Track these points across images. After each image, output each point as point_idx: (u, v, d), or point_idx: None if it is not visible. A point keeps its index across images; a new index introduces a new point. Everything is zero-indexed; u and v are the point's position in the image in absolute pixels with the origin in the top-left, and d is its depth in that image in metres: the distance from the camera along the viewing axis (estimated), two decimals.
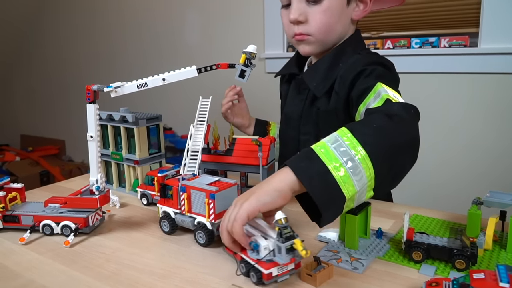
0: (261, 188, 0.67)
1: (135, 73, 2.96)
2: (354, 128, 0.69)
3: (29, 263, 0.74)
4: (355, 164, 0.65)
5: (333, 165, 0.64)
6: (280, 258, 0.63)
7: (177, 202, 0.82)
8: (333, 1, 0.98)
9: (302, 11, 0.99)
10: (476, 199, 0.77)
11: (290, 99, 1.15)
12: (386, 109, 0.76)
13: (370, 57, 1.00)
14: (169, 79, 0.86)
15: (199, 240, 0.79)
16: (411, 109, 0.78)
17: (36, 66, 3.75)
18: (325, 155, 0.65)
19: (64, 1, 3.37)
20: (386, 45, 1.97)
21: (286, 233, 0.62)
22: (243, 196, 0.68)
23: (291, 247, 0.62)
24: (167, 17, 2.76)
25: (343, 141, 0.67)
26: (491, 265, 0.69)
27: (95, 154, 0.86)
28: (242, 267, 0.67)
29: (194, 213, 0.80)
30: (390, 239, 0.79)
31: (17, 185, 0.92)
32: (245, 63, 0.85)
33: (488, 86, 1.78)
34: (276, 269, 0.63)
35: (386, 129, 0.70)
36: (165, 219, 0.84)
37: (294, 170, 0.65)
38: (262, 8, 2.31)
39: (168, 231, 0.84)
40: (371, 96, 0.86)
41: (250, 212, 0.64)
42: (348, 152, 0.65)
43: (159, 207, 0.86)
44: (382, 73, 0.91)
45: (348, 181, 0.64)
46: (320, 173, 0.64)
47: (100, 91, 0.85)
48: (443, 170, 1.93)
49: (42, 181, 3.29)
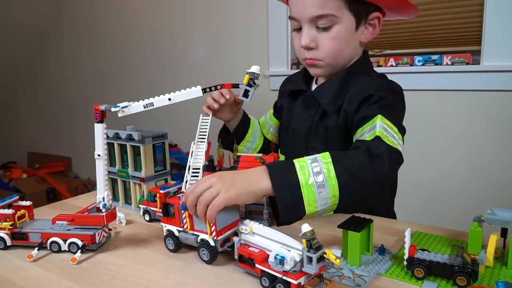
0: (242, 185, 0.75)
1: (140, 92, 3.00)
2: (336, 157, 0.78)
3: (37, 279, 0.75)
4: (325, 190, 0.75)
5: (305, 183, 0.74)
6: (311, 268, 0.64)
7: (180, 220, 0.83)
8: (342, 28, 0.99)
9: (312, 37, 1.01)
10: (477, 216, 0.77)
11: (296, 114, 1.16)
12: (372, 147, 0.82)
13: (381, 81, 1.04)
14: (175, 99, 0.88)
15: (203, 257, 0.80)
16: (393, 154, 0.84)
17: (42, 85, 3.81)
18: (301, 172, 0.75)
19: (68, 22, 3.43)
20: (389, 62, 1.99)
21: (315, 244, 0.64)
22: (224, 179, 0.75)
23: (321, 257, 0.64)
24: (171, 37, 2.80)
25: (322, 165, 0.76)
26: (492, 282, 0.70)
27: (102, 172, 0.88)
28: (265, 281, 0.69)
29: (196, 231, 0.81)
30: (392, 256, 0.80)
31: (25, 203, 0.93)
32: (249, 83, 0.88)
33: (490, 104, 1.79)
34: (303, 279, 0.65)
35: (363, 168, 0.79)
36: (170, 237, 0.85)
37: (272, 179, 0.74)
38: (266, 26, 2.35)
39: (173, 249, 0.84)
40: (368, 126, 0.89)
41: (227, 203, 0.73)
42: (323, 177, 0.75)
43: (163, 225, 0.87)
44: (389, 103, 0.93)
45: (313, 202, 0.74)
46: (291, 186, 0.74)
47: (107, 111, 0.87)
48: (445, 186, 1.93)
49: (48, 197, 3.30)
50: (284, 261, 0.66)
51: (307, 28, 1.01)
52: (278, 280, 0.66)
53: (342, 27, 0.99)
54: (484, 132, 1.82)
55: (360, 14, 1.00)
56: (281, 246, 0.69)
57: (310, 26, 1.01)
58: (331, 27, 0.99)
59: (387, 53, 2.05)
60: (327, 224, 0.97)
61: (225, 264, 0.79)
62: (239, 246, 0.75)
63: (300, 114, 1.14)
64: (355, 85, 1.01)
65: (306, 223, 0.65)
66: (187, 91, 0.88)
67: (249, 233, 0.74)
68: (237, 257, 0.75)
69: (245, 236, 0.75)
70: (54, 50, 3.63)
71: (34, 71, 3.83)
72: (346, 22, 0.99)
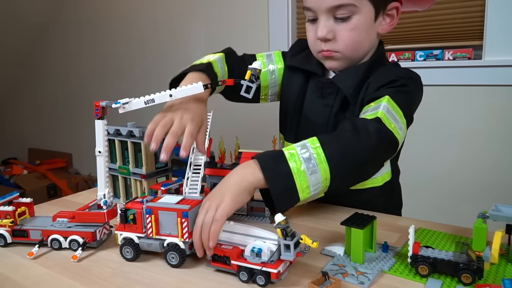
0: (232, 189, 0.74)
1: (141, 87, 2.99)
2: (325, 141, 0.79)
3: (38, 277, 0.75)
4: (317, 174, 0.76)
5: (297, 171, 0.75)
6: (288, 255, 0.67)
7: (142, 226, 0.79)
8: (362, 18, 0.96)
9: (330, 28, 0.97)
10: (482, 213, 0.76)
11: (310, 101, 1.09)
12: (360, 124, 0.84)
13: (402, 69, 1.03)
14: (176, 95, 0.87)
15: (171, 261, 0.76)
16: (382, 134, 0.84)
17: (43, 80, 3.79)
18: (292, 160, 0.76)
19: (69, 17, 3.42)
20: (391, 58, 1.98)
21: (289, 231, 0.67)
22: (214, 197, 0.75)
23: (297, 243, 0.68)
24: (173, 32, 2.79)
25: (312, 151, 0.77)
26: (497, 279, 0.69)
27: (103, 169, 0.87)
28: (243, 275, 0.70)
29: (163, 235, 0.78)
30: (396, 253, 0.79)
31: (26, 200, 0.93)
32: (251, 79, 0.86)
33: (492, 98, 1.78)
34: (281, 266, 0.69)
35: (351, 145, 0.81)
36: (128, 245, 0.79)
37: (263, 170, 0.75)
38: (267, 20, 2.34)
39: (132, 258, 0.79)
40: (373, 105, 0.89)
41: (228, 213, 0.72)
42: (314, 162, 0.76)
43: (118, 233, 0.81)
44: (407, 90, 0.95)
45: (305, 188, 0.75)
46: (284, 175, 0.75)
47: (108, 107, 0.86)
48: (447, 182, 1.92)
49: (49, 194, 3.30)
50: (262, 252, 0.69)
51: (324, 19, 0.97)
52: (258, 272, 0.68)
53: (361, 18, 0.96)
54: (487, 127, 1.81)
55: (379, 4, 0.97)
56: (255, 239, 0.71)
57: (328, 17, 0.96)
58: (350, 18, 0.95)
59: (388, 48, 2.04)
60: (330, 221, 0.96)
61: None
62: None
63: (314, 102, 1.08)
64: (374, 76, 0.99)
65: (279, 213, 0.67)
66: (188, 87, 0.87)
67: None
68: (210, 257, 0.74)
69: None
70: (55, 45, 3.61)
71: (35, 66, 3.81)
72: (365, 12, 0.96)
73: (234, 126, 1.45)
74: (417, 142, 1.91)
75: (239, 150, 1.02)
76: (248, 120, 1.74)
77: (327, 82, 1.05)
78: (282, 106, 1.18)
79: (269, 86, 1.16)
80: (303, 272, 0.73)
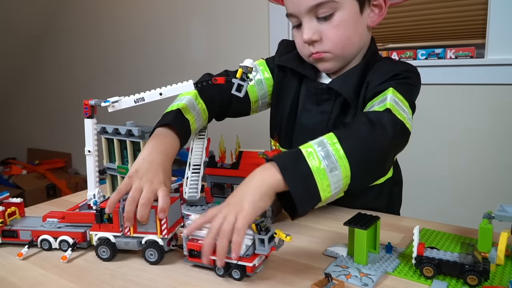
0: (253, 194, 0.70)
1: (141, 87, 2.96)
2: (342, 136, 0.76)
3: (35, 279, 0.73)
4: (337, 171, 0.72)
5: (317, 169, 0.71)
6: (263, 249, 0.69)
7: (118, 225, 0.78)
8: (345, 14, 0.93)
9: (314, 29, 0.94)
10: (487, 213, 0.75)
11: (304, 106, 1.06)
12: (375, 118, 0.81)
13: (400, 63, 1.02)
14: (166, 94, 0.86)
15: (150, 258, 0.77)
16: (397, 126, 0.82)
17: (41, 80, 3.78)
18: (312, 158, 0.72)
19: (67, 15, 3.40)
20: (392, 56, 1.97)
21: (263, 226, 0.70)
22: (233, 202, 0.70)
23: (271, 237, 0.69)
24: (173, 31, 2.77)
25: (329, 148, 0.74)
26: (503, 281, 0.68)
27: (93, 169, 0.86)
28: (219, 270, 0.71)
29: (140, 233, 0.78)
30: (400, 254, 0.78)
31: (16, 200, 0.91)
32: (242, 77, 0.84)
33: (495, 97, 1.76)
34: (257, 260, 0.70)
35: (369, 140, 0.78)
36: (104, 245, 0.79)
37: (281, 170, 0.70)
38: (267, 20, 2.32)
39: (109, 257, 0.79)
40: (378, 98, 0.88)
41: (250, 221, 0.68)
42: (334, 159, 0.73)
43: (93, 234, 0.80)
44: (410, 82, 0.94)
45: (327, 187, 0.71)
46: (304, 175, 0.71)
47: (97, 106, 0.84)
48: (451, 181, 1.91)
49: (48, 194, 3.29)
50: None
51: (307, 21, 0.95)
52: (233, 267, 0.70)
53: (344, 13, 0.93)
54: (489, 126, 1.79)
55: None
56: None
57: (310, 18, 0.94)
58: (333, 15, 0.93)
59: (390, 46, 2.02)
60: (332, 222, 0.95)
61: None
62: (188, 241, 0.74)
63: (308, 108, 1.05)
64: (372, 73, 0.97)
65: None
66: (179, 85, 0.86)
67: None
68: (187, 252, 0.75)
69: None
70: (54, 44, 3.60)
71: (34, 66, 3.80)
72: (348, 7, 0.93)
73: (235, 125, 1.43)
74: (418, 141, 1.89)
75: (239, 149, 1.01)
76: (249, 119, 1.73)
77: (322, 88, 1.02)
78: (275, 110, 1.13)
79: (259, 98, 1.12)
80: (305, 273, 0.72)
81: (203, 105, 0.99)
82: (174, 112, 0.92)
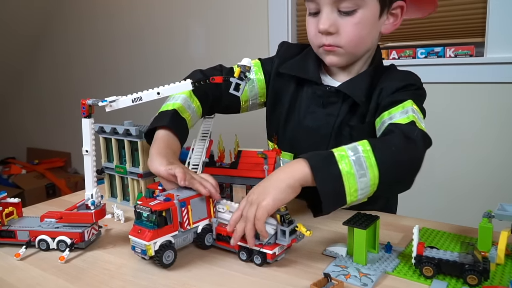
0: (275, 186, 0.74)
1: (140, 87, 2.96)
2: (376, 145, 0.77)
3: (33, 279, 0.73)
4: (366, 179, 0.75)
5: (346, 173, 0.73)
6: (284, 240, 0.73)
7: (177, 222, 0.76)
8: (367, 13, 0.93)
9: (333, 21, 0.93)
10: (487, 212, 0.75)
11: (308, 109, 1.05)
12: (407, 131, 0.83)
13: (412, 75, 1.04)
14: (164, 93, 0.86)
15: (208, 242, 0.81)
16: (427, 139, 0.85)
17: (41, 79, 3.77)
18: (343, 162, 0.74)
19: (65, 14, 3.38)
20: (391, 55, 1.96)
21: (287, 218, 0.74)
22: (257, 193, 0.75)
23: (293, 230, 0.74)
24: (170, 31, 2.77)
25: (362, 154, 0.76)
26: (504, 280, 0.67)
27: (91, 169, 0.86)
28: (243, 255, 0.76)
29: (196, 222, 0.80)
30: (399, 254, 0.77)
31: (13, 200, 0.91)
32: (240, 77, 0.84)
33: (495, 96, 1.76)
34: (277, 249, 0.74)
35: (402, 153, 0.79)
36: (168, 249, 0.74)
37: (313, 169, 0.73)
38: (266, 18, 2.32)
39: (173, 261, 0.75)
40: (398, 109, 0.90)
41: (270, 212, 0.72)
42: (364, 166, 0.75)
43: (151, 244, 0.72)
44: (422, 93, 0.99)
45: (354, 192, 0.74)
46: (334, 176, 0.73)
47: (95, 106, 0.84)
48: (451, 180, 1.90)
49: (48, 193, 3.28)
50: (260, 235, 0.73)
51: (327, 11, 0.93)
52: (255, 252, 0.74)
53: (367, 12, 0.93)
54: (489, 125, 1.79)
55: (385, 0, 0.95)
56: None
57: (332, 9, 0.93)
58: (355, 11, 0.92)
59: (389, 45, 2.02)
60: (331, 221, 0.94)
61: (225, 263, 0.77)
62: (217, 226, 0.80)
63: (314, 109, 1.04)
64: (384, 80, 0.98)
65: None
66: (176, 84, 0.85)
67: (226, 212, 0.80)
68: (215, 236, 0.80)
69: (222, 215, 0.81)
70: (51, 44, 3.59)
71: (32, 66, 3.79)
72: (371, 7, 0.93)
73: (233, 124, 1.43)
74: None
75: (238, 149, 1.01)
76: (248, 119, 1.73)
77: (330, 91, 1.02)
78: (272, 112, 1.13)
79: (250, 99, 1.11)
80: (304, 273, 0.72)
81: (197, 103, 1.01)
82: (171, 112, 0.94)
